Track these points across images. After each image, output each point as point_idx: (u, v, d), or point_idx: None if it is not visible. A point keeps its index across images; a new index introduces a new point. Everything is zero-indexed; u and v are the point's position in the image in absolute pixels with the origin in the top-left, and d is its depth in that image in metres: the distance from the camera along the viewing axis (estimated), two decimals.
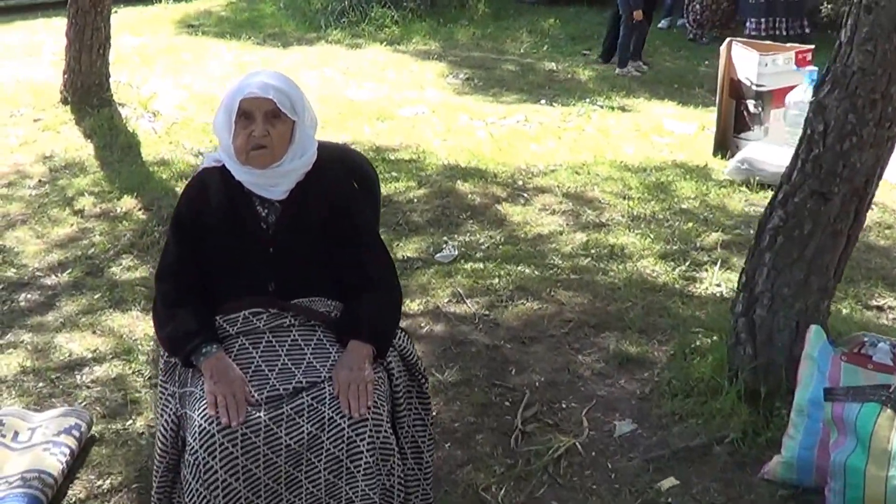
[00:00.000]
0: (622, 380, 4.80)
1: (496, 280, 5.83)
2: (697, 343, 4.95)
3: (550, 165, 8.12)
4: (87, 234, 6.72)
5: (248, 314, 3.34)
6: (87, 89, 9.42)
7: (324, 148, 3.51)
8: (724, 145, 8.66)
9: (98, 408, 4.59)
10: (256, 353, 3.28)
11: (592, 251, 6.29)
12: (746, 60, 8.59)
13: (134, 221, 6.86)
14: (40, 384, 4.81)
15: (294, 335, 3.33)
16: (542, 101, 10.96)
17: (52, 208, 7.20)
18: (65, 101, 9.49)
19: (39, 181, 7.82)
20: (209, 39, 14.34)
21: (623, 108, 10.74)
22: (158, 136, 8.86)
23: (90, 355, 5.08)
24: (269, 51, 13.67)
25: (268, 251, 3.38)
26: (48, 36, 13.81)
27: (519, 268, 6.00)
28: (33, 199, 7.44)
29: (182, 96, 10.26)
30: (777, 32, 13.69)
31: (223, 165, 3.43)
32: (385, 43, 14.52)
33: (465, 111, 10.15)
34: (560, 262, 6.12)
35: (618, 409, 4.57)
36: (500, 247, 6.38)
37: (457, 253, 6.20)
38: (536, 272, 5.94)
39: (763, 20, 13.98)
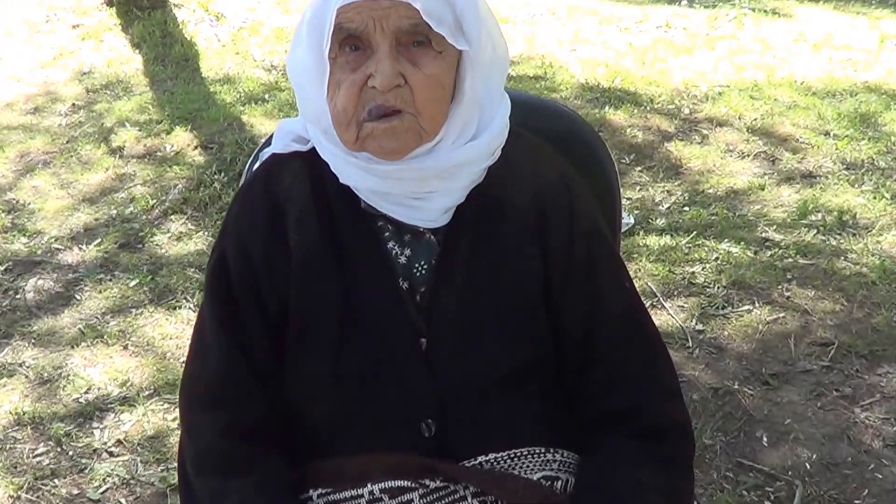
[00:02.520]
0: None
1: (698, 268, 4.08)
2: None
3: (715, 87, 6.28)
4: (125, 184, 5.07)
5: (381, 492, 1.56)
6: None
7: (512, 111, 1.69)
8: None
9: (123, 501, 2.96)
10: None
11: (813, 219, 4.52)
12: None
13: (187, 165, 5.17)
14: (39, 448, 3.20)
15: None
16: (683, 2, 9.05)
17: (84, 144, 5.56)
18: (109, 3, 7.88)
19: (73, 105, 6.22)
20: None
21: (776, 13, 8.82)
22: (222, 44, 7.17)
23: (117, 391, 3.45)
24: None
25: (417, 345, 1.60)
26: None
27: (724, 246, 4.24)
28: (62, 130, 5.81)
29: None
30: None
31: (312, 151, 1.66)
32: None
33: (590, 13, 8.29)
34: (777, 235, 4.35)
35: None
36: (687, 209, 4.63)
37: (633, 221, 4.44)
38: (749, 253, 4.18)
39: None
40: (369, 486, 1.56)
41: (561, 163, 1.73)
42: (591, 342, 1.63)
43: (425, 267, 1.61)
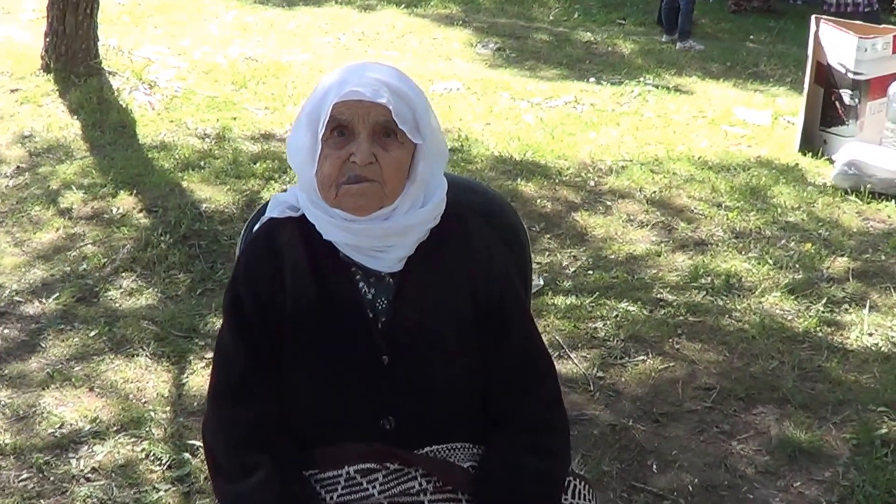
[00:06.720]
0: (797, 482, 3.65)
1: (600, 324, 4.64)
2: (884, 430, 3.86)
3: (619, 161, 6.92)
4: (76, 243, 5.48)
5: (354, 472, 2.11)
6: (73, 55, 8.10)
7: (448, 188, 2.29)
8: (811, 140, 7.46)
9: None
10: None
11: (703, 282, 5.12)
12: (840, 44, 7.36)
13: (133, 227, 5.60)
14: (24, 474, 3.60)
15: None
16: (591, 80, 9.74)
17: (33, 205, 5.95)
18: (46, 69, 8.16)
19: (17, 168, 6.57)
20: None
21: (679, 90, 9.55)
22: (156, 112, 7.60)
23: (88, 426, 3.87)
24: (273, 11, 12.30)
25: (380, 361, 2.14)
26: None
27: (623, 305, 4.81)
28: (10, 192, 6.20)
29: (180, 64, 8.92)
30: (836, 9, 12.31)
31: (301, 217, 2.21)
32: (401, 5, 13.19)
33: (504, 88, 8.92)
34: (670, 296, 4.94)
35: None
36: (591, 273, 5.19)
37: (542, 283, 4.99)
38: (645, 311, 4.75)
39: None
40: (346, 468, 2.12)
41: (485, 228, 2.32)
42: (496, 363, 2.22)
43: (385, 302, 2.18)
